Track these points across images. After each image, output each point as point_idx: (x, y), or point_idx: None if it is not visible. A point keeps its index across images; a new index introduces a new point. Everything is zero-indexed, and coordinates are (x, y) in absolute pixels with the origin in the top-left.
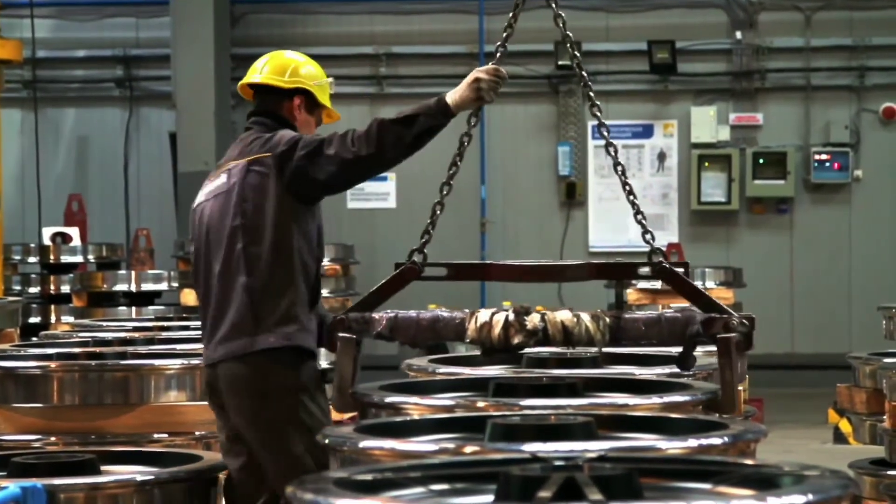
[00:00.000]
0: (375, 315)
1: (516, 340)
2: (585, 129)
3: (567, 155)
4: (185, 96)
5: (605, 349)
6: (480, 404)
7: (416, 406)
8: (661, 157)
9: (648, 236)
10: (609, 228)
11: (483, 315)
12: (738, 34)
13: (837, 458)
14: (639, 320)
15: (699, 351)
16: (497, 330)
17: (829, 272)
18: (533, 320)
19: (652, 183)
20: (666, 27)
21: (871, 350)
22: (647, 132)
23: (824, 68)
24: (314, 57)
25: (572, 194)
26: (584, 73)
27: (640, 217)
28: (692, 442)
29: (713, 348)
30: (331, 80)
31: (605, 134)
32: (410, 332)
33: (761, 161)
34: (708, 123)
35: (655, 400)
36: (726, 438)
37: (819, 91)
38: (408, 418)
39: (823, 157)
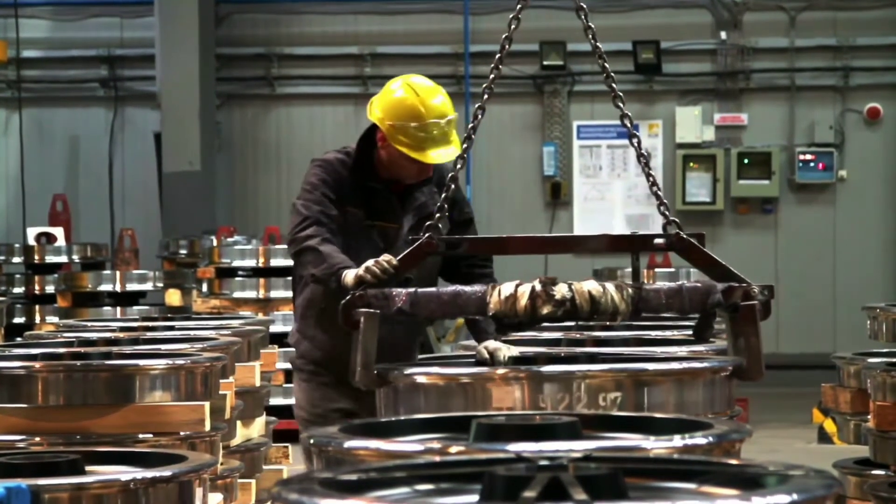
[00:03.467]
0: (395, 291)
1: (544, 311)
2: (570, 129)
3: (552, 155)
4: (170, 96)
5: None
6: (497, 372)
7: (437, 376)
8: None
9: (663, 208)
10: (594, 228)
11: (507, 287)
12: (723, 34)
13: (822, 457)
14: (660, 291)
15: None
16: (523, 301)
17: (813, 272)
18: (560, 290)
19: (637, 183)
20: (651, 27)
21: (856, 350)
22: None
23: (809, 68)
24: (298, 57)
25: (557, 194)
26: (605, 65)
27: (655, 188)
28: (677, 442)
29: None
30: (428, 121)
31: (629, 125)
32: (431, 307)
33: (746, 161)
34: (693, 123)
35: (675, 366)
36: (711, 438)
37: (803, 91)
38: (393, 419)
39: (808, 157)
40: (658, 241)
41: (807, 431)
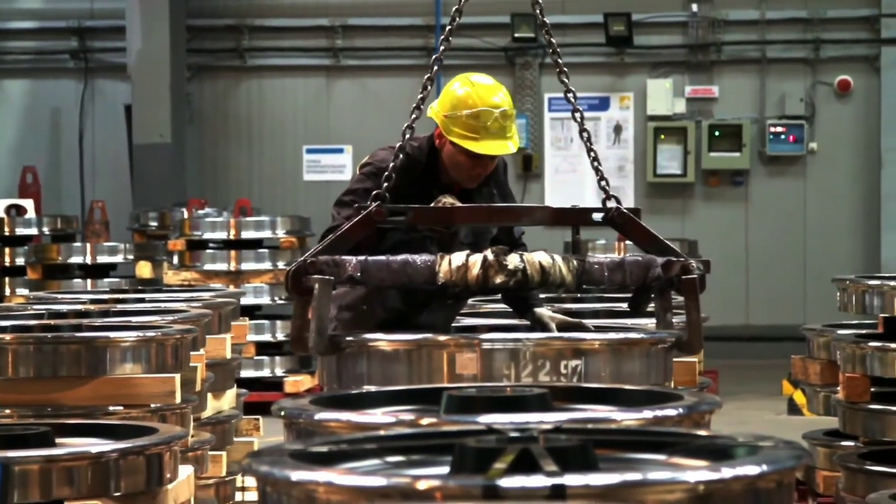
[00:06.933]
0: (346, 258)
1: (497, 281)
2: (542, 101)
3: (523, 127)
4: (141, 68)
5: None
6: (442, 339)
7: (390, 343)
8: (618, 129)
9: (604, 183)
10: (565, 200)
11: (458, 257)
12: (694, 7)
13: (792, 429)
14: (602, 264)
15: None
16: (475, 270)
17: (783, 244)
18: (513, 260)
19: (608, 155)
20: None
21: (826, 322)
22: (603, 105)
23: (779, 41)
24: (269, 29)
25: (529, 167)
26: (552, 40)
27: (596, 164)
28: (647, 413)
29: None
30: (480, 109)
31: (573, 100)
32: (381, 275)
33: (717, 133)
34: (664, 96)
35: (611, 336)
36: (681, 410)
37: (774, 64)
38: (363, 390)
39: (779, 129)
40: (596, 215)
41: (776, 403)
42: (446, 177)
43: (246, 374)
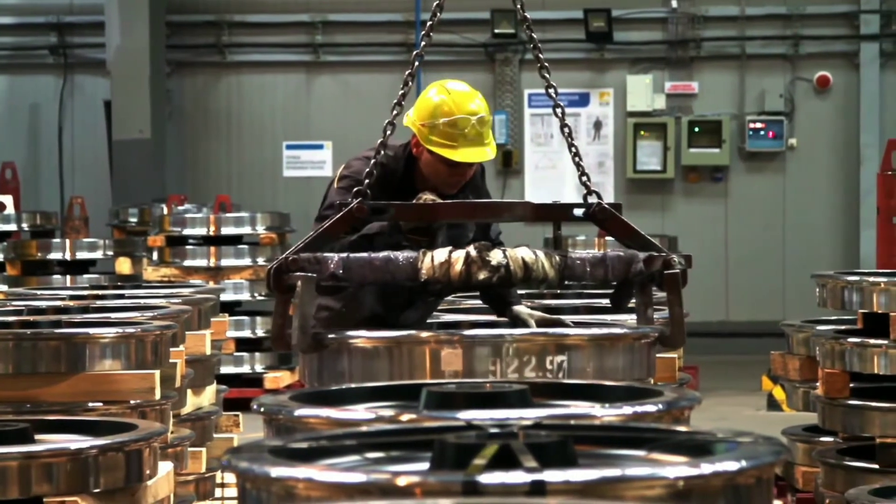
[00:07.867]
0: (328, 255)
1: (480, 277)
2: (522, 97)
3: (503, 123)
4: (120, 64)
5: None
6: (424, 335)
7: (370, 340)
8: (598, 125)
9: (585, 178)
10: (545, 196)
11: (440, 254)
12: (674, 2)
13: (771, 424)
14: (585, 260)
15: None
16: (458, 266)
17: (763, 240)
18: (496, 256)
19: (588, 151)
20: None
21: (805, 318)
22: (583, 101)
23: (759, 37)
24: (249, 25)
25: (508, 163)
26: (533, 36)
27: (577, 159)
28: (626, 409)
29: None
30: (458, 117)
31: (554, 95)
32: (364, 272)
33: (696, 129)
34: (644, 92)
35: (595, 331)
36: (660, 406)
37: (754, 60)
38: (344, 386)
39: (758, 125)
40: (577, 210)
41: (756, 399)
42: (423, 184)
43: (226, 370)
